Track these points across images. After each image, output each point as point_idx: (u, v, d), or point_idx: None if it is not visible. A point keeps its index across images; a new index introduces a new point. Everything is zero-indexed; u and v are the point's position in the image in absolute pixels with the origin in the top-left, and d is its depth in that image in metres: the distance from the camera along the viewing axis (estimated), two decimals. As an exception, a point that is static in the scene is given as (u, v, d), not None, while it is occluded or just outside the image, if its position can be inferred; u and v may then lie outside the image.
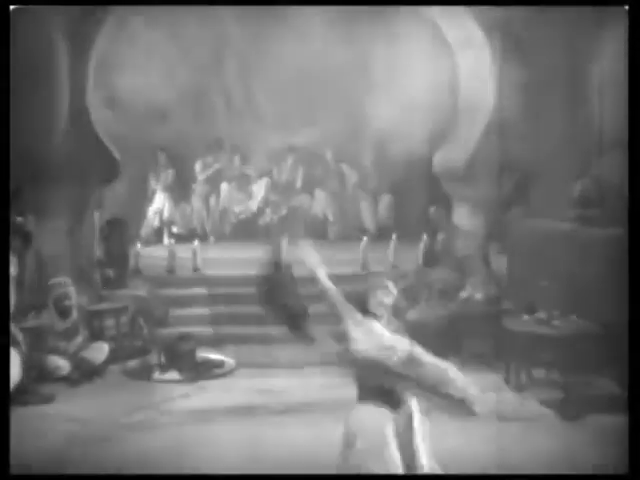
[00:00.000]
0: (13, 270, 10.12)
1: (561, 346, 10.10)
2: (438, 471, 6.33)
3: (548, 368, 10.50)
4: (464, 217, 13.75)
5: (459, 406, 5.75)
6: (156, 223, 17.16)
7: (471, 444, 8.34)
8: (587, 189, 11.60)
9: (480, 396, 5.88)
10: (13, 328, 9.85)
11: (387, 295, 6.44)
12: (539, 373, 10.57)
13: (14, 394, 9.34)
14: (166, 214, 17.19)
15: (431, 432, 6.69)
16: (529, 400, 9.94)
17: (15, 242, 10.46)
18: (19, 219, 10.72)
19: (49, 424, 9.06)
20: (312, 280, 6.54)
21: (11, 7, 7.78)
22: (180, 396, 10.22)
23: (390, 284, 6.59)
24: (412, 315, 12.06)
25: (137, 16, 15.40)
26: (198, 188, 17.69)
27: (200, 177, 17.69)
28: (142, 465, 7.86)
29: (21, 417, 9.00)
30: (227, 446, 8.41)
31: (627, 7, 7.41)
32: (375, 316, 6.22)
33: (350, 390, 6.19)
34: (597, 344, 10.04)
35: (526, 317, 10.59)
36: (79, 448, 8.40)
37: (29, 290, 11.04)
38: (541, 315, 10.45)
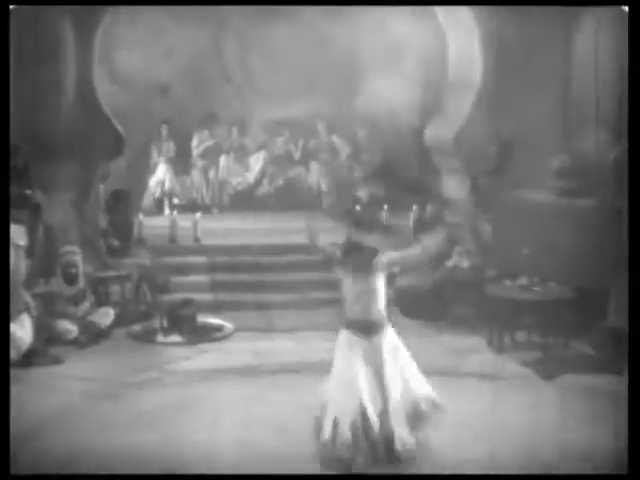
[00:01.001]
0: (23, 241, 10.46)
1: (541, 310, 10.63)
2: (411, 404, 7.04)
3: (528, 331, 10.91)
4: (453, 188, 13.99)
5: None
6: (157, 194, 17.42)
7: (455, 401, 8.70)
8: (565, 162, 11.95)
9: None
10: (25, 294, 10.31)
11: None
12: (520, 336, 10.94)
13: (27, 356, 9.90)
14: (167, 185, 17.44)
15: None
16: (509, 360, 10.31)
17: (25, 214, 10.68)
18: (28, 192, 10.92)
19: (60, 383, 9.43)
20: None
21: (11, 7, 7.74)
22: (182, 358, 10.56)
23: None
24: (402, 282, 12.46)
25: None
26: (197, 161, 17.93)
27: (195, 152, 17.97)
28: (146, 421, 8.21)
29: (34, 377, 9.51)
30: (225, 403, 8.79)
31: (627, 7, 7.25)
32: None
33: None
34: (574, 308, 10.51)
35: (508, 283, 11.02)
36: (89, 404, 8.80)
37: (39, 259, 11.27)
38: (522, 281, 10.88)
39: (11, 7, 7.68)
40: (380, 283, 7.06)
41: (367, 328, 7.03)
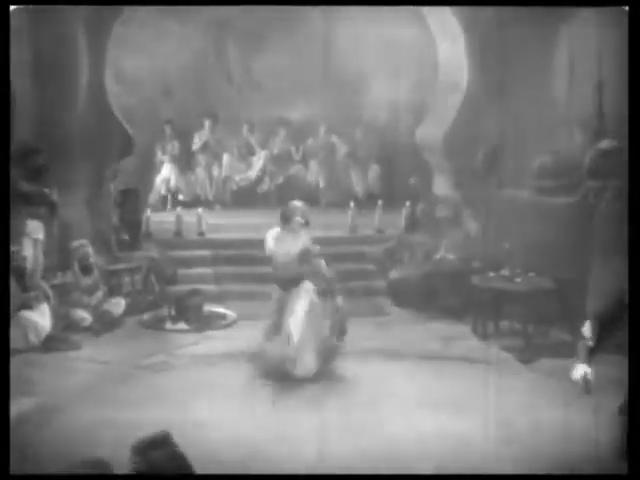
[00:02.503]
0: (41, 235, 11.02)
1: (522, 300, 11.04)
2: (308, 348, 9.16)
3: (511, 319, 11.37)
4: (442, 186, 14.47)
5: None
6: (163, 191, 17.79)
7: (441, 382, 9.45)
8: (546, 163, 12.32)
9: None
10: (44, 284, 10.87)
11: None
12: (503, 324, 11.46)
13: (47, 341, 10.48)
14: (172, 183, 17.80)
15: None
16: (491, 347, 10.87)
17: (42, 211, 11.24)
18: (45, 190, 11.36)
19: (79, 366, 9.99)
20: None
21: (11, 7, 7.61)
22: (189, 344, 11.09)
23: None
24: (394, 274, 13.09)
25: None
26: (201, 159, 18.29)
27: (193, 147, 18.33)
28: (156, 400, 8.71)
29: (54, 361, 10.08)
30: (229, 384, 9.33)
31: (627, 7, 7.11)
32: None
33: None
34: (552, 298, 11.02)
35: (492, 275, 11.48)
36: (104, 385, 9.35)
37: (55, 252, 11.75)
38: (505, 273, 11.34)
39: (11, 7, 7.60)
40: None
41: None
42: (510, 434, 7.90)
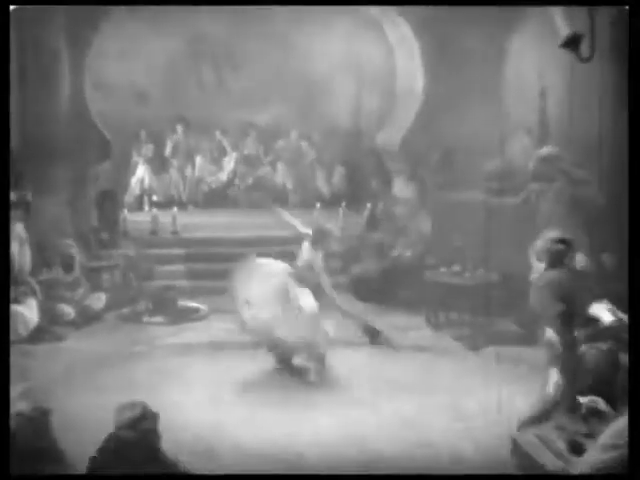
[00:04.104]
0: (23, 234, 11.47)
1: (471, 293, 11.63)
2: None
3: (460, 311, 11.91)
4: (401, 188, 14.94)
5: None
6: (137, 192, 18.10)
7: (396, 368, 10.10)
8: (496, 166, 12.92)
9: None
10: (31, 281, 11.40)
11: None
12: (454, 315, 12.03)
13: (34, 333, 11.01)
14: (147, 183, 18.17)
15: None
16: (444, 336, 11.54)
17: (19, 212, 11.47)
18: (23, 193, 11.72)
19: (64, 356, 10.53)
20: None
21: (11, 7, 7.56)
22: (165, 335, 11.63)
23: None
24: (356, 269, 13.66)
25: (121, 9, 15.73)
26: (174, 161, 18.71)
27: (165, 154, 18.78)
28: (134, 386, 9.03)
29: (41, 351, 10.63)
30: (201, 371, 9.93)
31: (627, 7, 6.98)
32: None
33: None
34: (499, 291, 11.58)
35: (443, 270, 12.09)
36: (87, 373, 9.86)
37: (42, 250, 12.19)
38: (456, 268, 11.97)
39: (11, 7, 7.56)
40: None
41: None
42: (459, 412, 8.63)
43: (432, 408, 8.76)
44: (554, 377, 6.86)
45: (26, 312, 10.98)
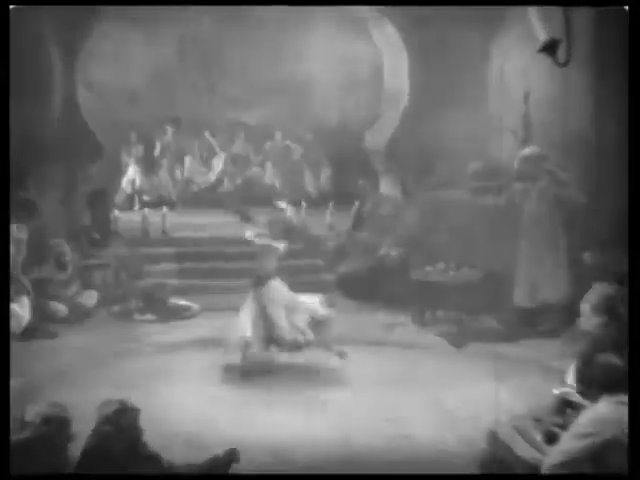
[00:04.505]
0: (24, 235, 11.58)
1: (455, 291, 11.79)
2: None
3: (445, 308, 12.05)
4: (387, 187, 15.28)
5: None
6: (129, 192, 18.37)
7: (383, 364, 10.23)
8: (479, 166, 13.13)
9: None
10: (24, 279, 11.45)
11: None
12: (439, 312, 12.15)
13: (27, 330, 11.07)
14: (137, 183, 18.40)
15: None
16: (428, 333, 11.66)
17: (23, 213, 11.63)
18: (25, 194, 12.01)
19: (55, 353, 10.64)
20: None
21: (11, 7, 7.41)
22: (155, 332, 11.76)
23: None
24: (343, 268, 13.79)
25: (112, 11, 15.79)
26: (164, 162, 18.90)
27: (155, 154, 19.01)
28: (125, 382, 9.17)
29: (34, 348, 10.70)
30: (191, 367, 10.07)
31: (627, 7, 6.85)
32: None
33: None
34: (482, 289, 11.77)
35: (429, 268, 12.25)
36: (78, 369, 9.99)
37: (35, 249, 12.16)
38: (440, 267, 12.14)
39: (11, 7, 7.42)
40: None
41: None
42: (441, 406, 8.83)
43: (416, 402, 8.93)
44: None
45: (18, 310, 11.04)
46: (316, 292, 10.46)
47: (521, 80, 12.91)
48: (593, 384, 5.47)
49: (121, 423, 5.65)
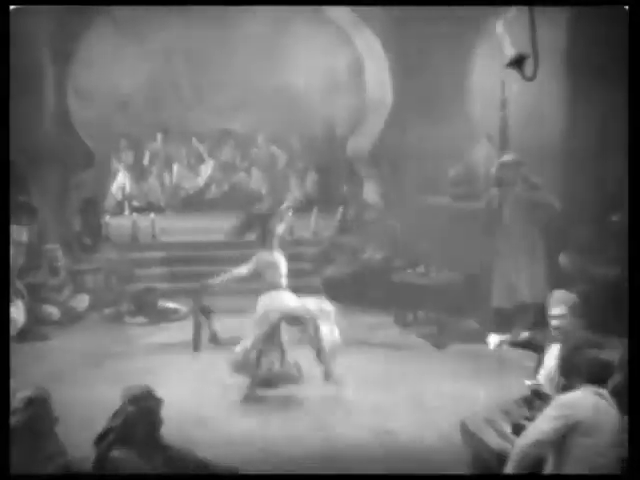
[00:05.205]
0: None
1: (436, 293, 11.92)
2: None
3: (427, 310, 12.24)
4: (370, 193, 15.46)
5: None
6: (119, 197, 18.57)
7: (366, 364, 10.40)
8: (460, 172, 13.39)
9: None
10: (19, 283, 11.63)
11: None
12: (420, 314, 12.39)
13: (21, 333, 11.25)
14: (127, 189, 18.61)
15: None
16: (411, 334, 11.90)
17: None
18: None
19: (49, 355, 10.85)
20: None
21: (11, 7, 7.35)
22: (146, 334, 11.95)
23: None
24: (328, 272, 13.98)
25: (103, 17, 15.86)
26: (153, 169, 19.15)
27: (144, 163, 19.26)
28: (117, 383, 8.73)
29: (28, 350, 10.88)
30: (180, 367, 10.29)
31: (627, 7, 6.82)
32: None
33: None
34: (462, 291, 11.96)
35: (410, 271, 12.45)
36: (72, 371, 10.18)
37: (29, 254, 12.41)
38: (421, 269, 12.33)
39: (11, 7, 7.37)
40: None
41: None
42: (421, 403, 9.08)
43: (400, 399, 9.18)
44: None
45: (13, 313, 11.17)
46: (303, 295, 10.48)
47: (500, 86, 13.05)
48: (577, 376, 5.65)
49: (146, 406, 5.88)
